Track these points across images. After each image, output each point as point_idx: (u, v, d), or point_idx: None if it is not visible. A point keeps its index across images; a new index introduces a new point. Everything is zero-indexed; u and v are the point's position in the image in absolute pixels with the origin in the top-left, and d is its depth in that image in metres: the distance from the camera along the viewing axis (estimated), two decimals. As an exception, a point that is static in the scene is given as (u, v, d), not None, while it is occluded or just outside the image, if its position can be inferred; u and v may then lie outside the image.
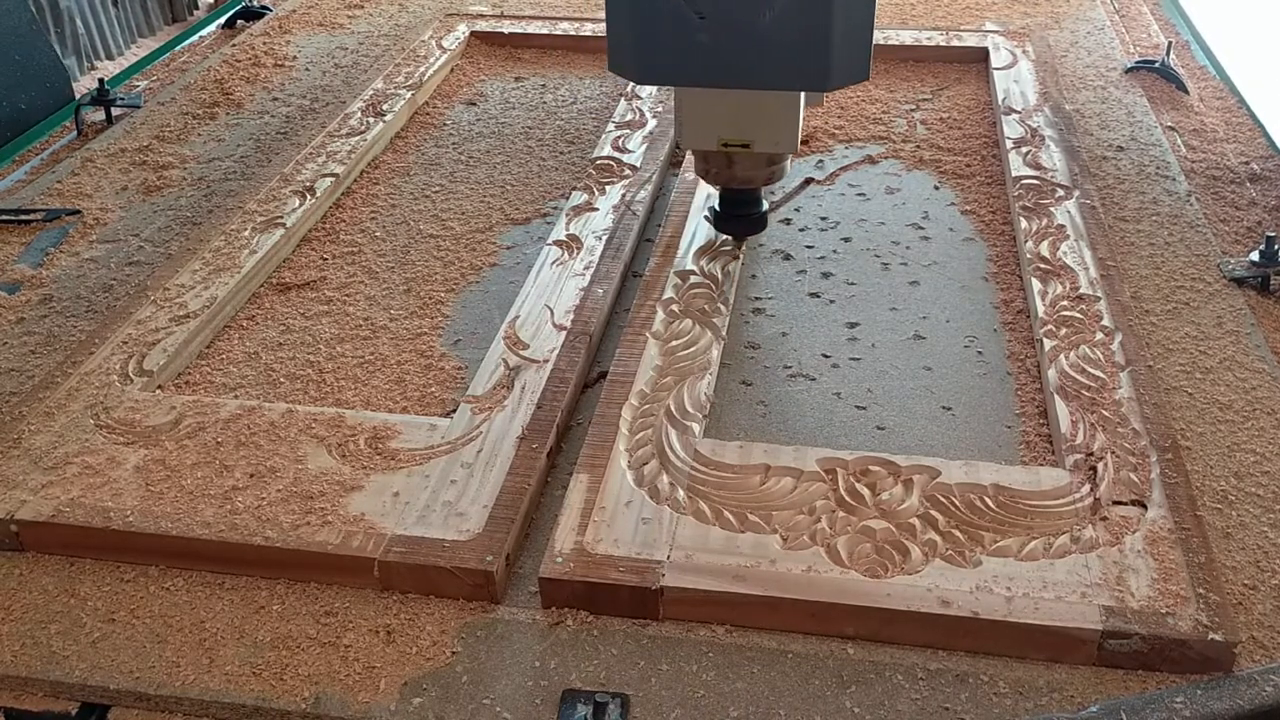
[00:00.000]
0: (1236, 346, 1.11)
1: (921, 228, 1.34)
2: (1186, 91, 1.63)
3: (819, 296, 1.22)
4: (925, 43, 1.76)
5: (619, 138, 1.49)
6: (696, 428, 0.98)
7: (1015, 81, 1.62)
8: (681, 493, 0.91)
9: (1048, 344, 1.08)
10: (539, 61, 1.79)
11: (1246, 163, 1.45)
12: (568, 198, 1.37)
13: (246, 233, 1.29)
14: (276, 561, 0.88)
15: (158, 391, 1.07)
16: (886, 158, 1.49)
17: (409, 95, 1.63)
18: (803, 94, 1.11)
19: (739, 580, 0.84)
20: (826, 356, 1.13)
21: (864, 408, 1.06)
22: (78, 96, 1.73)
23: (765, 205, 1.22)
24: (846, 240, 1.32)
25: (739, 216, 1.22)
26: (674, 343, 1.09)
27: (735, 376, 1.10)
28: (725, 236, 1.25)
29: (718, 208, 1.22)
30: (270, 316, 1.21)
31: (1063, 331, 1.09)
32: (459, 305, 1.22)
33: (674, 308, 1.14)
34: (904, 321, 1.18)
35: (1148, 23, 1.90)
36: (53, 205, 1.41)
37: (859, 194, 1.41)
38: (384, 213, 1.40)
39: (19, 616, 0.86)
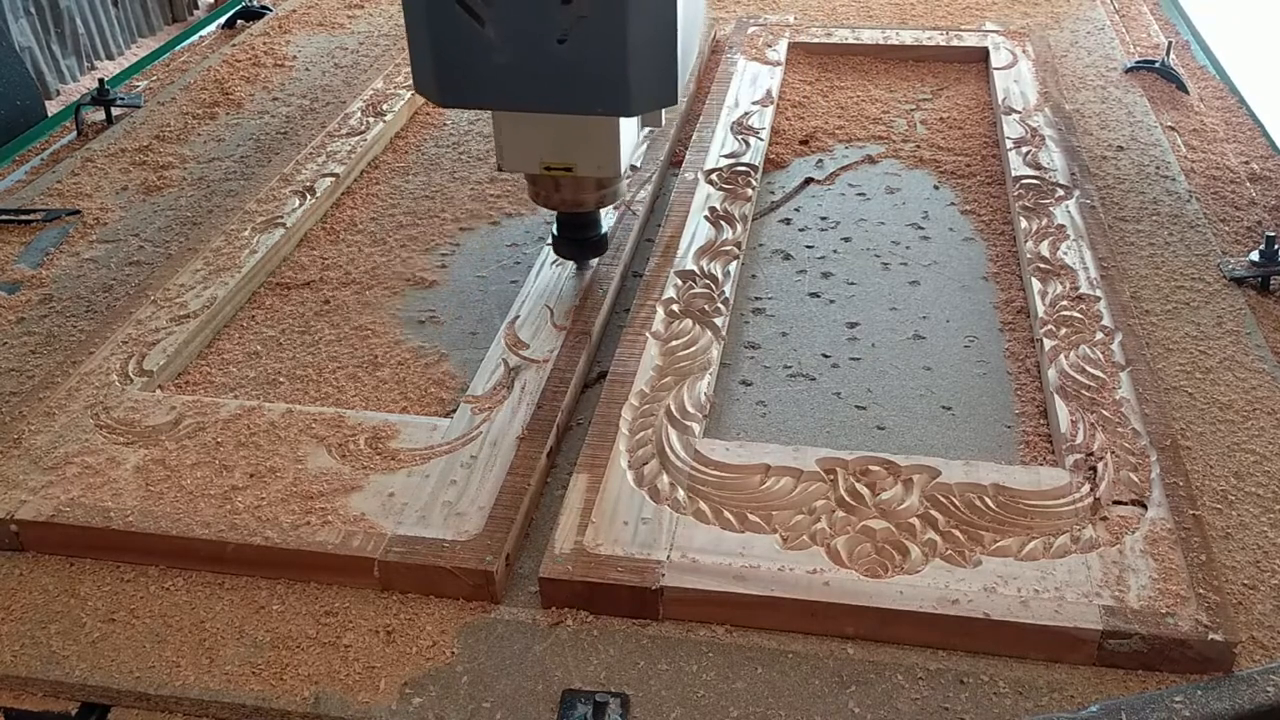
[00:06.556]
0: (1236, 346, 1.11)
1: (921, 228, 1.34)
2: (1186, 91, 1.63)
3: (819, 296, 1.22)
4: (925, 43, 1.76)
5: (619, 138, 1.48)
6: (696, 428, 0.98)
7: (1015, 81, 1.62)
8: (681, 493, 0.91)
9: (1048, 344, 1.08)
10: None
11: (1246, 162, 1.45)
12: (568, 198, 1.37)
13: (246, 232, 1.29)
14: (276, 561, 0.88)
15: (158, 391, 1.07)
16: (886, 157, 1.49)
17: (409, 95, 1.63)
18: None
19: (739, 580, 0.84)
20: (826, 356, 1.13)
21: (864, 408, 1.06)
22: (77, 97, 1.72)
23: (604, 228, 1.18)
24: (846, 240, 1.32)
25: (576, 240, 1.18)
26: (674, 343, 1.09)
27: (735, 376, 1.10)
28: (726, 236, 1.25)
29: (555, 233, 1.18)
30: (270, 316, 1.21)
31: (1063, 331, 1.09)
32: (459, 305, 1.22)
33: (674, 308, 1.14)
34: (904, 321, 1.18)
35: (1148, 23, 1.90)
36: (53, 205, 1.41)
37: (859, 194, 1.41)
38: (384, 213, 1.40)
39: (19, 616, 0.86)
